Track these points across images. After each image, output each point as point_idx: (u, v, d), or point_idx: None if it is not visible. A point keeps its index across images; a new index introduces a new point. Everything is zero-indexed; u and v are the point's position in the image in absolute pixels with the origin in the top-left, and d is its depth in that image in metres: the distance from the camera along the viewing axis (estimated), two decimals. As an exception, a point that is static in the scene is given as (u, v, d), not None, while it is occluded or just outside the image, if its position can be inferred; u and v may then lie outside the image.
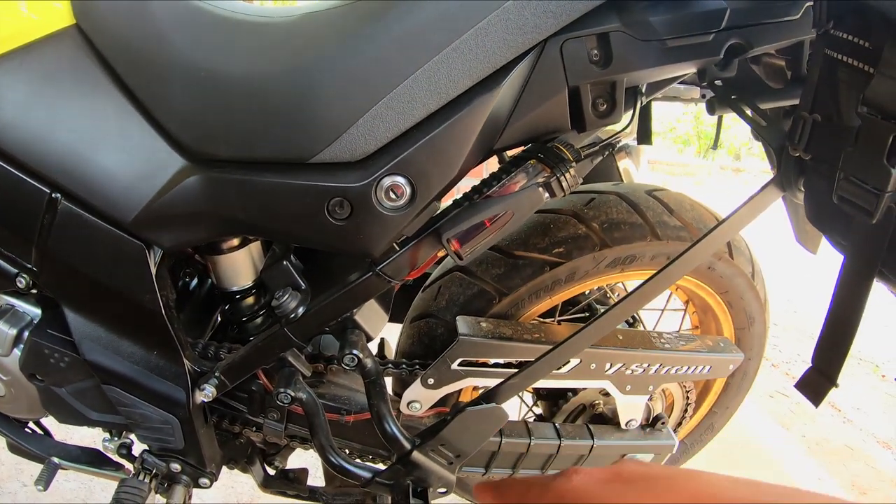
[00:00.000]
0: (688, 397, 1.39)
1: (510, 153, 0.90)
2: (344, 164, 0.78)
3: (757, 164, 9.40)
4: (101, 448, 1.17)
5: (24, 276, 0.90)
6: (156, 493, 1.08)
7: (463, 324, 1.07)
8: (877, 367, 3.27)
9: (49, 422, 1.21)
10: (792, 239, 1.21)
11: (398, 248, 0.87)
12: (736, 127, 9.32)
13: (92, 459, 1.17)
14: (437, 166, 0.79)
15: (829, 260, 0.84)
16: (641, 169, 1.57)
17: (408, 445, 0.99)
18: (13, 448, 1.19)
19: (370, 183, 0.78)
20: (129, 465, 1.15)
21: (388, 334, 1.26)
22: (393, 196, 0.79)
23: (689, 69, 0.87)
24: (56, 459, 1.14)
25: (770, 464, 2.12)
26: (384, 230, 0.82)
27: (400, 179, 0.78)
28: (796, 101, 0.90)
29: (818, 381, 0.88)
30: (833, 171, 0.74)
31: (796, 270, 4.34)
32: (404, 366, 1.11)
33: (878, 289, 0.77)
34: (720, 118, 1.57)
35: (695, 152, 10.31)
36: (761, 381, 2.84)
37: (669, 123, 10.44)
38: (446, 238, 0.83)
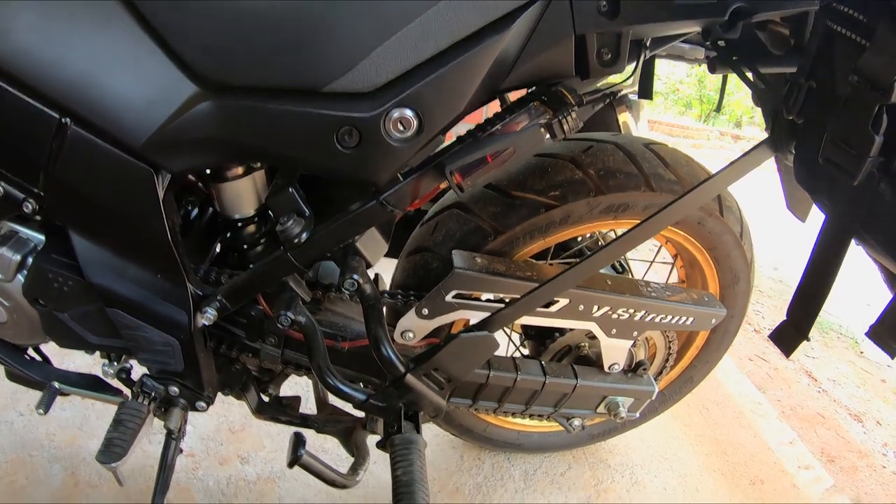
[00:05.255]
0: (670, 347, 1.44)
1: (513, 96, 0.93)
2: (355, 95, 0.80)
3: (757, 133, 9.36)
4: (100, 374, 1.19)
5: (31, 200, 0.91)
6: (154, 416, 1.11)
7: (458, 257, 1.11)
8: (856, 342, 3.33)
9: (48, 350, 1.24)
10: (783, 210, 1.25)
11: (402, 179, 0.90)
12: (739, 94, 9.27)
13: (91, 385, 1.20)
14: (444, 101, 0.81)
15: (817, 233, 0.88)
16: (641, 123, 1.59)
17: (402, 368, 1.04)
18: (12, 375, 1.22)
19: (380, 114, 0.80)
20: (127, 391, 1.17)
21: (383, 270, 1.29)
22: (401, 127, 0.81)
23: (693, 27, 0.90)
24: (56, 384, 1.16)
25: (745, 424, 2.17)
26: (390, 160, 0.84)
27: (408, 112, 0.80)
28: (794, 69, 0.93)
29: (791, 333, 0.94)
30: (822, 135, 0.78)
31: (785, 241, 4.38)
32: (399, 296, 1.15)
33: (863, 265, 0.81)
34: (724, 82, 1.59)
35: (696, 115, 10.24)
36: (742, 344, 2.93)
37: (673, 85, 10.35)
38: (449, 170, 0.86)
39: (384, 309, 1.09)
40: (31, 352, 1.23)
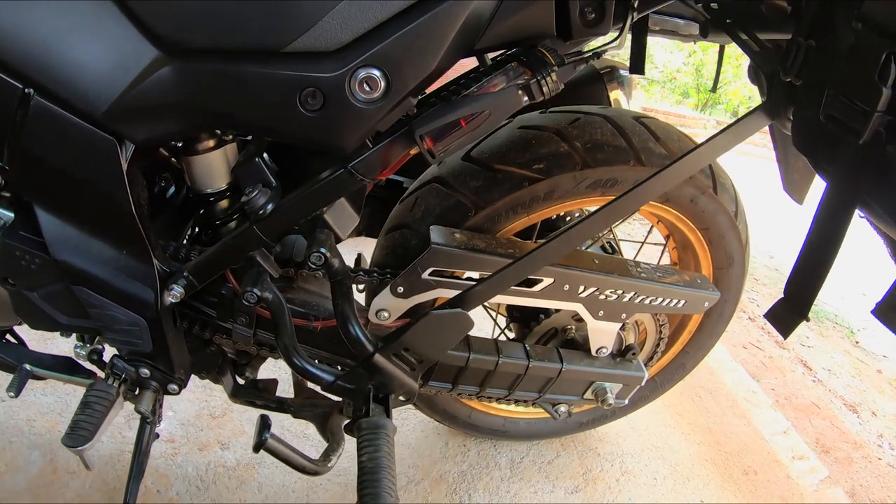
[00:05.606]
0: (661, 332, 1.40)
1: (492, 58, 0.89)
2: (318, 54, 0.77)
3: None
4: (73, 356, 1.17)
5: None
6: (125, 398, 1.09)
7: (436, 233, 1.06)
8: (852, 332, 3.32)
9: (28, 335, 1.22)
10: (779, 196, 1.20)
11: (371, 145, 0.86)
12: (736, 83, 9.26)
13: (64, 367, 1.18)
14: (413, 60, 0.77)
15: (818, 202, 0.84)
16: (633, 102, 1.55)
17: (370, 348, 1.00)
18: None
19: (344, 73, 0.76)
20: (100, 373, 1.14)
21: (366, 249, 1.25)
22: (367, 88, 0.77)
23: None
24: (28, 367, 1.14)
25: (738, 412, 2.15)
26: (357, 123, 0.80)
27: (375, 72, 0.76)
28: (790, 36, 0.89)
29: (789, 312, 0.88)
30: (823, 95, 0.73)
31: (782, 228, 4.36)
32: (375, 274, 1.10)
33: (858, 254, 0.76)
34: (720, 59, 1.55)
35: (692, 105, 10.25)
36: (737, 332, 2.90)
37: (670, 73, 10.35)
38: (420, 135, 0.82)
39: (354, 286, 1.06)
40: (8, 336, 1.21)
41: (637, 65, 1.34)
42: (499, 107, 0.82)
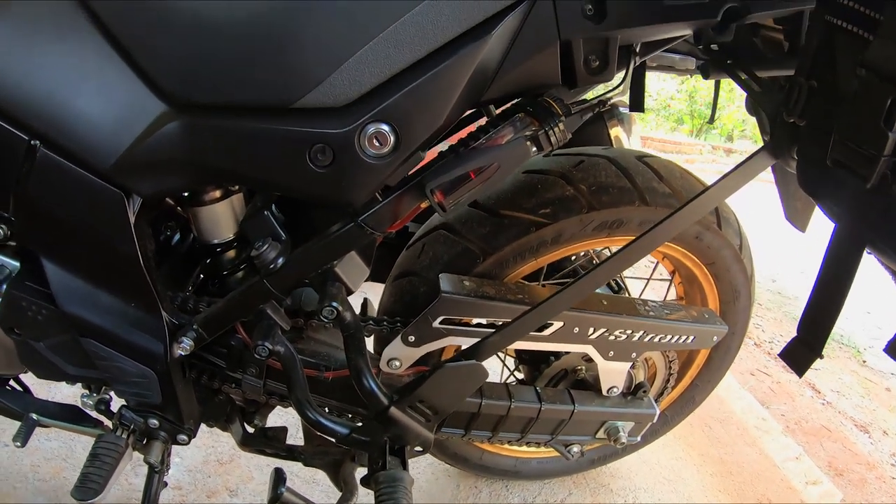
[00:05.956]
0: (670, 367, 1.39)
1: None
2: (327, 110, 0.77)
3: (749, 146, 9.43)
4: (79, 405, 1.16)
5: (2, 225, 0.88)
6: (133, 449, 1.07)
7: (446, 281, 1.06)
8: (858, 352, 3.31)
9: (29, 380, 1.20)
10: (781, 220, 1.20)
11: (380, 199, 0.86)
12: (730, 108, 9.33)
13: (70, 416, 1.16)
14: (422, 115, 0.77)
15: (816, 242, 0.84)
16: (633, 137, 1.56)
17: (385, 401, 0.99)
18: None
19: (353, 129, 0.76)
20: (107, 422, 1.13)
21: (372, 295, 1.25)
22: (377, 143, 0.77)
23: (685, 30, 0.86)
24: (34, 416, 1.13)
25: (749, 441, 2.13)
26: (367, 179, 0.80)
27: (384, 127, 0.77)
28: (791, 72, 0.89)
29: (802, 351, 0.88)
30: (828, 136, 0.73)
31: (783, 252, 4.36)
32: (385, 323, 1.10)
33: (863, 273, 0.77)
34: (716, 91, 1.56)
35: (687, 131, 10.31)
36: (743, 358, 2.89)
37: (664, 101, 10.43)
38: (430, 189, 0.82)
39: (367, 337, 1.05)
40: (12, 382, 1.20)
41: (636, 102, 1.35)
42: (508, 159, 0.82)
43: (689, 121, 10.27)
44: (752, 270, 1.37)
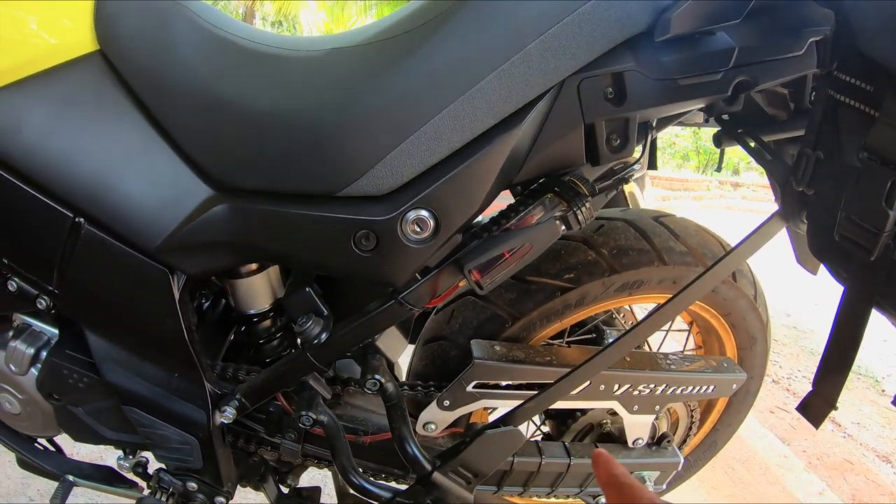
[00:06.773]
0: (692, 416, 1.41)
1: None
2: (370, 198, 0.80)
3: (755, 179, 9.42)
4: (114, 466, 1.18)
5: (45, 297, 0.90)
6: (172, 511, 1.08)
7: (477, 348, 1.09)
8: (876, 381, 3.29)
9: (59, 438, 1.21)
10: (790, 255, 1.24)
11: (420, 278, 0.89)
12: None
13: (106, 477, 1.18)
14: (460, 201, 0.81)
15: (829, 277, 0.88)
16: (646, 191, 1.60)
17: (428, 466, 1.01)
18: (24, 464, 1.19)
19: (396, 216, 0.80)
20: (142, 483, 1.15)
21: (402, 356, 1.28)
22: (418, 229, 0.81)
23: (698, 105, 0.89)
24: (70, 477, 1.14)
25: (772, 479, 2.13)
26: (408, 261, 0.84)
27: (424, 213, 0.80)
28: (799, 132, 0.93)
29: (818, 404, 0.91)
30: (834, 208, 0.77)
31: (797, 286, 4.36)
32: (419, 388, 1.13)
33: None
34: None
35: (693, 167, 10.33)
36: (762, 396, 2.86)
37: (669, 139, 10.47)
38: (468, 269, 0.86)
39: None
40: (43, 441, 1.21)
41: (649, 161, 1.40)
42: (539, 239, 0.86)
43: (695, 157, 10.29)
44: (768, 317, 1.40)
